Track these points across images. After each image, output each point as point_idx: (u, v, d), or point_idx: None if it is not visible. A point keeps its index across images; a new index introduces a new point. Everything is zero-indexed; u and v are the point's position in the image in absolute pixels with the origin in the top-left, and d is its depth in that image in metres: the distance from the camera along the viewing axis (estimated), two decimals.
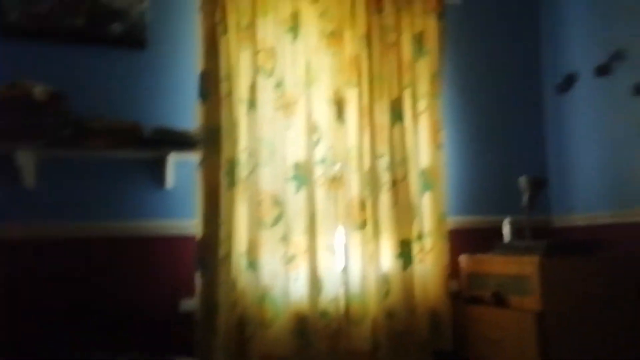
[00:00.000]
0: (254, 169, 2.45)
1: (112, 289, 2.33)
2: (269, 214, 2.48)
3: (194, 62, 2.46)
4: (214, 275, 2.33)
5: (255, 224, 2.43)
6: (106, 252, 2.33)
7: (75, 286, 2.27)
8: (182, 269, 2.43)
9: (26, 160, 2.18)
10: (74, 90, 2.26)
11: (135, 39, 2.38)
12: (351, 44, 2.68)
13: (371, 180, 2.65)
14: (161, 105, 2.46)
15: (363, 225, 2.60)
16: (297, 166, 2.55)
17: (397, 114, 2.73)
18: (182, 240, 2.44)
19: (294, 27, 2.58)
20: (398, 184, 2.70)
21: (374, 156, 2.67)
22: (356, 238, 2.60)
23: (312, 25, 2.64)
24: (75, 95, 2.26)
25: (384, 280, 2.62)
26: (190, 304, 2.39)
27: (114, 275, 2.33)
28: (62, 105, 2.12)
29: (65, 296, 2.25)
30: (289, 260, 2.48)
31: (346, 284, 2.55)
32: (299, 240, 2.51)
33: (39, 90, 2.06)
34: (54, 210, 2.28)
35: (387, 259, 2.65)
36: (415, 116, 2.78)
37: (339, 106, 2.64)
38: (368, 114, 2.68)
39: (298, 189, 2.54)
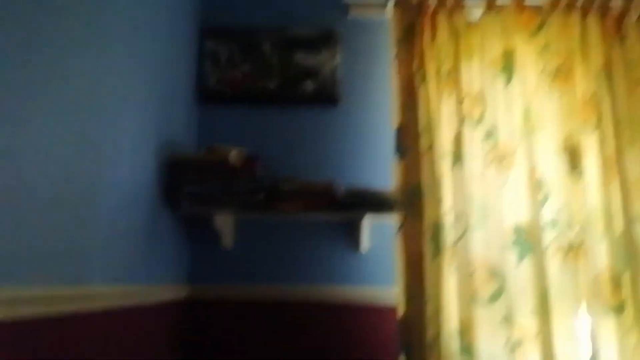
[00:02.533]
0: (463, 234, 2.05)
1: (303, 354, 2.11)
2: (485, 288, 2.02)
3: (388, 117, 2.22)
4: None
5: (469, 299, 2.00)
6: (298, 315, 2.15)
7: (266, 348, 2.10)
8: (379, 343, 2.06)
9: (224, 223, 2.16)
10: (268, 150, 2.22)
11: (327, 95, 2.27)
12: (584, 80, 2.18)
13: (627, 249, 2.00)
14: (355, 164, 2.27)
15: (620, 308, 1.95)
16: (519, 230, 2.07)
17: None
18: (378, 311, 2.12)
19: (507, 67, 2.19)
20: None
21: (628, 218, 2.04)
22: (609, 324, 1.94)
23: (530, 64, 2.22)
24: (269, 155, 2.21)
25: None
26: None
27: (305, 341, 2.12)
28: (255, 169, 2.08)
29: (255, 356, 2.10)
30: (515, 346, 1.94)
31: None
32: (527, 322, 1.97)
33: (233, 155, 2.05)
34: (251, 272, 2.20)
35: None
36: None
37: (573, 156, 2.12)
38: (615, 164, 2.09)
39: (521, 258, 2.05)
